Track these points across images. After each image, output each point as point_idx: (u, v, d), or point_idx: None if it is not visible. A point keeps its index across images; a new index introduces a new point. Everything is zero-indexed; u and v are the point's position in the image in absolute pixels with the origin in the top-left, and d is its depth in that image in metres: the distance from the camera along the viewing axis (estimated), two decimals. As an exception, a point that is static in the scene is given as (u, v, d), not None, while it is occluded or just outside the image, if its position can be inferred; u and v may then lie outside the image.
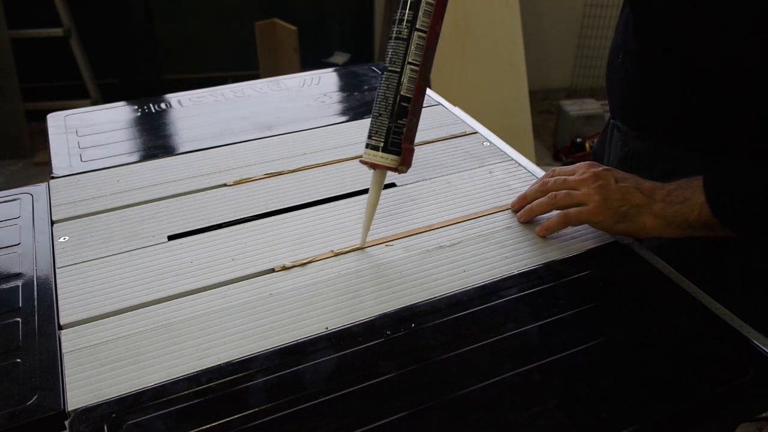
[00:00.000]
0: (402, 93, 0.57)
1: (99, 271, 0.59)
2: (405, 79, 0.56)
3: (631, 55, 0.69)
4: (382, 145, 0.57)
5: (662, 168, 0.68)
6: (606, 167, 0.62)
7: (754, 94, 0.59)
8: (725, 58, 0.59)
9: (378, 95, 0.58)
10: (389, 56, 0.57)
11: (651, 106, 0.68)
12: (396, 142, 0.57)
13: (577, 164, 0.64)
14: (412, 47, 0.56)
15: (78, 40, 2.45)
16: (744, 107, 0.60)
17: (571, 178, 0.62)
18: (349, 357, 0.49)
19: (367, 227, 0.62)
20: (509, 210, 0.67)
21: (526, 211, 0.65)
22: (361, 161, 0.59)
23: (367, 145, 0.59)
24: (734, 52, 0.58)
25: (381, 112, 0.57)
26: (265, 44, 2.25)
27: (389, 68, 0.57)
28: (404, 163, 0.59)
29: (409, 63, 0.56)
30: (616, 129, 0.75)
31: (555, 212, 0.63)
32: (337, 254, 0.61)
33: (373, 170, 0.60)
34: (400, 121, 0.57)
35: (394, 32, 0.57)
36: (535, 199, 0.64)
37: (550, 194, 0.63)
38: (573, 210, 0.61)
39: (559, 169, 0.65)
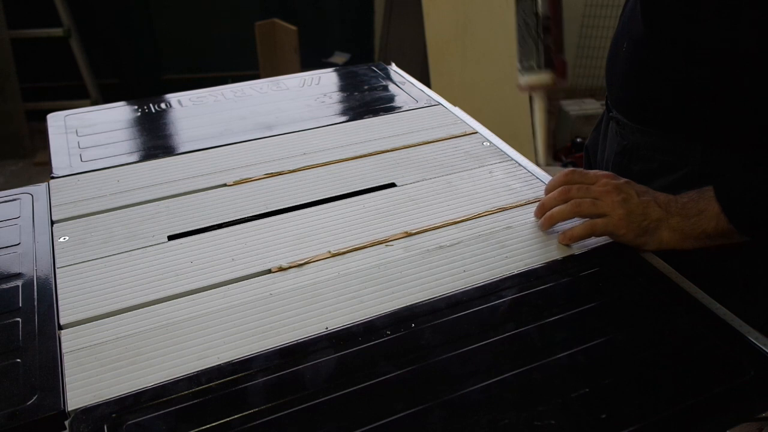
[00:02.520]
0: (537, 12, 0.61)
1: (99, 271, 0.59)
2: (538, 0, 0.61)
3: (636, 42, 0.68)
4: (534, 65, 0.62)
5: (660, 160, 0.68)
6: (626, 180, 0.62)
7: (760, 83, 0.59)
8: (732, 45, 0.59)
9: (518, 24, 0.62)
10: None
11: (654, 95, 0.68)
12: (548, 58, 0.62)
13: (596, 172, 0.64)
14: None
15: (78, 40, 2.45)
16: (748, 97, 0.61)
17: (593, 187, 0.62)
18: (349, 357, 0.49)
19: (543, 145, 0.67)
20: (509, 210, 0.67)
21: (547, 219, 0.64)
22: (520, 87, 0.64)
23: (521, 71, 0.63)
24: (741, 39, 0.58)
25: (524, 37, 0.62)
26: (265, 44, 2.25)
27: None
28: (560, 75, 0.62)
29: None
30: (613, 122, 0.75)
31: (576, 220, 0.63)
32: (334, 255, 0.61)
33: (534, 92, 0.64)
34: (546, 37, 0.61)
35: None
36: (556, 206, 0.64)
37: (573, 202, 0.62)
38: (600, 221, 0.61)
39: (578, 173, 0.64)
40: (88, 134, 0.85)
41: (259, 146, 0.81)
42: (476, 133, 0.83)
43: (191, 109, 0.92)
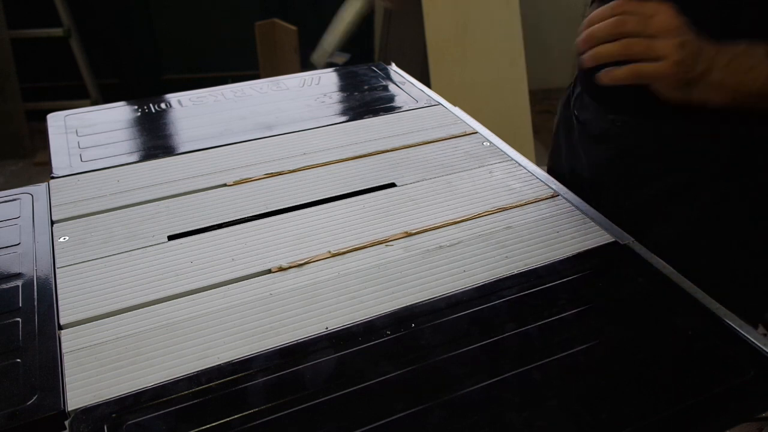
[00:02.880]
0: None
1: (99, 271, 0.59)
2: None
3: None
4: None
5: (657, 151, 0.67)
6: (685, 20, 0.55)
7: None
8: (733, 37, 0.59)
9: None
10: None
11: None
12: None
13: (654, 4, 0.55)
14: None
15: (78, 40, 2.45)
16: None
17: (653, 21, 0.54)
18: (349, 357, 0.49)
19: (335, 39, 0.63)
20: (509, 210, 0.67)
21: (592, 57, 0.57)
22: None
23: None
24: (741, 39, 0.58)
25: None
26: (265, 44, 2.25)
27: None
28: None
29: None
30: (603, 124, 0.74)
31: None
32: (334, 255, 0.61)
33: None
34: None
35: None
36: (605, 38, 0.56)
37: (625, 42, 0.55)
38: (650, 66, 0.55)
39: (633, 4, 0.56)
40: (88, 134, 0.85)
41: (259, 146, 0.81)
42: (476, 133, 0.83)
43: (191, 109, 0.92)
